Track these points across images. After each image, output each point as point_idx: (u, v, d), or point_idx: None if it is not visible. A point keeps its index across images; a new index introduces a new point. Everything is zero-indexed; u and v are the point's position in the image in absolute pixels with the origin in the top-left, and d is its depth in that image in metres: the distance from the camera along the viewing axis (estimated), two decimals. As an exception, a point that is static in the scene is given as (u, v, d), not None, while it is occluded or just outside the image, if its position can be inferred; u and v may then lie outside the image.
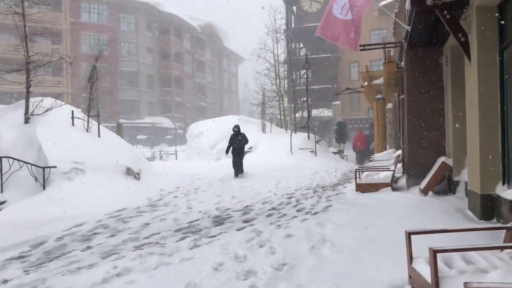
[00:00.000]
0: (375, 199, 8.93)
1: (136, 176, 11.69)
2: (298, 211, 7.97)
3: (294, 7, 43.43)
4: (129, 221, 7.70)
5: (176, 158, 34.69)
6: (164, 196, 10.62)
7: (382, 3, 41.75)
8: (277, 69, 27.95)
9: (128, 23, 46.68)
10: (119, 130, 23.88)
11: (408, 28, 8.34)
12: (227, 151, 14.68)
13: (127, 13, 46.43)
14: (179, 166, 21.29)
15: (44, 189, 9.13)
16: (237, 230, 6.54)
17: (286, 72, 28.06)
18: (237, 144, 14.43)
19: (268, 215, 7.68)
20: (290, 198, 9.58)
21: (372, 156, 15.12)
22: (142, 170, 12.91)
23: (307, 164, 18.67)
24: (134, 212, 8.52)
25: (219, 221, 7.37)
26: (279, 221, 7.08)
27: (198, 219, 7.58)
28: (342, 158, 24.50)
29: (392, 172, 10.13)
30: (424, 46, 9.37)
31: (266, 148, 21.98)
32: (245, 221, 7.22)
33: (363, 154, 24.55)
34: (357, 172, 10.47)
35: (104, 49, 14.12)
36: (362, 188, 9.92)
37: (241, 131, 15.10)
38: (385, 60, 11.27)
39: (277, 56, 27.83)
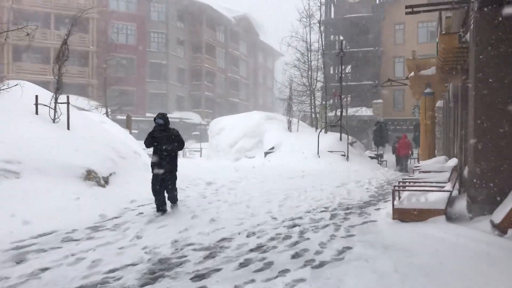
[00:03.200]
0: (422, 238, 5.80)
1: (101, 181, 8.96)
2: (294, 257, 4.95)
3: (335, -4, 39.87)
4: (30, 259, 4.93)
5: (201, 156, 32.70)
6: (127, 211, 7.82)
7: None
8: (309, 60, 24.75)
9: (158, 12, 44.44)
10: (128, 123, 21.54)
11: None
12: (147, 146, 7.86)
13: (158, 1, 44.31)
14: (189, 166, 18.60)
15: None
16: (165, 303, 3.62)
17: (318, 61, 24.66)
18: (165, 150, 7.67)
19: (242, 264, 4.69)
20: (293, 227, 6.53)
21: (417, 165, 11.81)
22: (119, 173, 10.22)
23: (335, 170, 15.51)
24: (57, 241, 5.76)
25: (156, 272, 4.47)
26: (252, 281, 4.10)
27: (128, 266, 4.69)
28: (381, 164, 21.06)
29: (448, 193, 6.90)
30: (506, 4, 6.10)
31: (289, 149, 18.95)
32: (196, 278, 4.28)
33: (406, 160, 21.16)
34: (396, 191, 7.29)
35: (76, 23, 11.39)
36: (403, 215, 6.76)
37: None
38: (441, 31, 7.95)
39: (310, 45, 24.61)
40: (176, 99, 46.51)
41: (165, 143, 7.64)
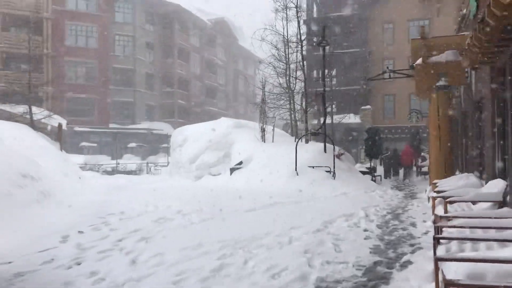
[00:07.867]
0: None
1: None
2: None
3: (317, -6, 36.31)
4: None
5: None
6: None
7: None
8: (287, 56, 20.80)
9: (124, 14, 40.17)
10: (59, 134, 17.31)
11: None
12: None
13: (124, 1, 40.08)
14: (126, 189, 14.40)
15: None
16: None
17: (297, 56, 20.61)
18: None
19: None
20: None
21: (438, 189, 7.82)
22: None
23: (318, 195, 11.40)
24: None
25: None
26: None
27: None
28: (375, 181, 17.02)
29: None
30: None
31: (261, 164, 14.82)
32: None
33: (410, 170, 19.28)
34: (441, 260, 3.19)
35: None
36: None
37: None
38: None
39: (288, 39, 20.69)
40: (145, 108, 42.14)
41: None
